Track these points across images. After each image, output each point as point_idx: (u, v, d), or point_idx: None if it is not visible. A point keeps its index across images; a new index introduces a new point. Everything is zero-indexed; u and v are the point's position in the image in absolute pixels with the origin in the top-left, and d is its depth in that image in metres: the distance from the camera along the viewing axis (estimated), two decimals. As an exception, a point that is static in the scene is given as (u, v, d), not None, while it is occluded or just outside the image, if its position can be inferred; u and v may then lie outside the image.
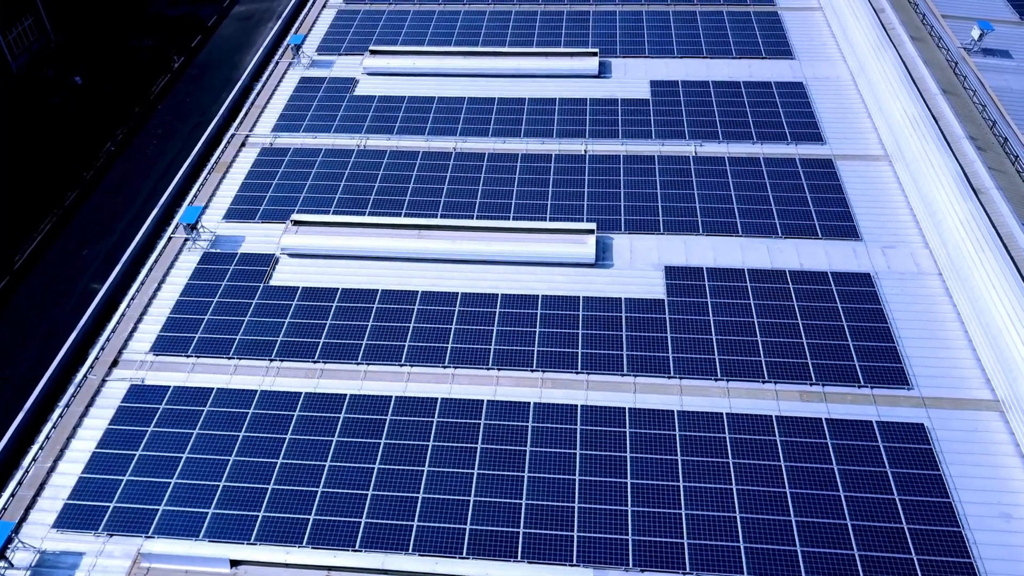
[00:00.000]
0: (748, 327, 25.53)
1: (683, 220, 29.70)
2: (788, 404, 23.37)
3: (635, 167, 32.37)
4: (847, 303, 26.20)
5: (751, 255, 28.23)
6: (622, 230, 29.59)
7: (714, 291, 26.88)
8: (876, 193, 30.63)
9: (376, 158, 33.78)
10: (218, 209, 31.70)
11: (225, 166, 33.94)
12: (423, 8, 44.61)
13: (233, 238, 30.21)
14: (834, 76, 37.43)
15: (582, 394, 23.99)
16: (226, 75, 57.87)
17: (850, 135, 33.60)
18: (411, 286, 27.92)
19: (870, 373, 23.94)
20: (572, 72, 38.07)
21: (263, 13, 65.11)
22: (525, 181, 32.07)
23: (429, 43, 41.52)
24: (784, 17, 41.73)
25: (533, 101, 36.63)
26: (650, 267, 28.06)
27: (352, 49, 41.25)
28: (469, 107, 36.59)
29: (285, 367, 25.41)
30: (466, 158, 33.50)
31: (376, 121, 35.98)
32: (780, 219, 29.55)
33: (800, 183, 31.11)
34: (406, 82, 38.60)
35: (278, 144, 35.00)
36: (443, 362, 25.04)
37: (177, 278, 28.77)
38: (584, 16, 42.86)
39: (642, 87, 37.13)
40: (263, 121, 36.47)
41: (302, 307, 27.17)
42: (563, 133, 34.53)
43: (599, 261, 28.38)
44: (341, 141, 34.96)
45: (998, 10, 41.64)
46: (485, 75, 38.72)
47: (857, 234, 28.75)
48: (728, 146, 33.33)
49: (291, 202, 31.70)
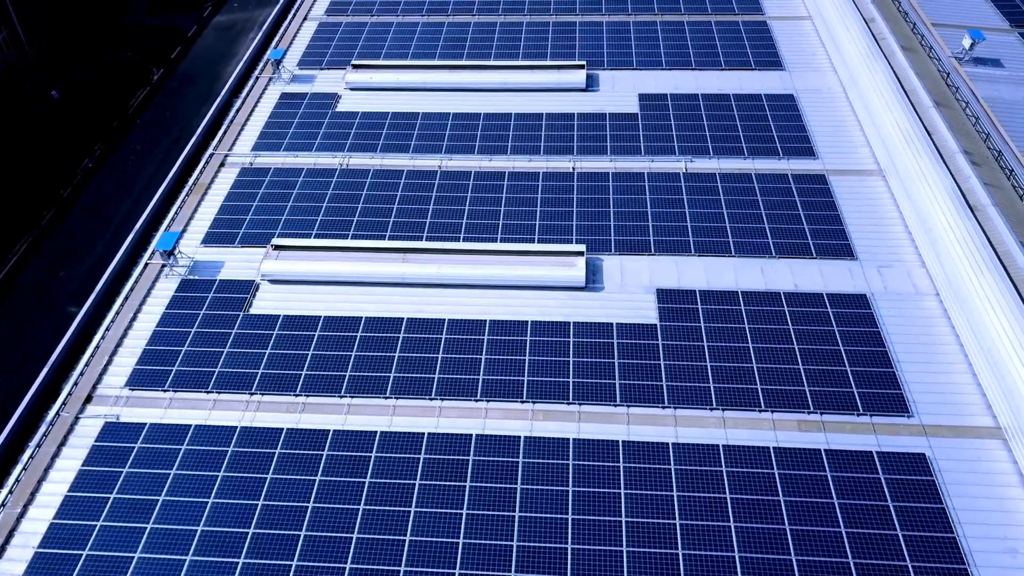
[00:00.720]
0: (743, 353, 24.84)
1: (674, 240, 29.00)
2: (786, 434, 22.69)
3: (624, 185, 31.66)
4: (843, 326, 25.56)
5: (744, 276, 27.56)
6: (612, 251, 28.87)
7: (707, 315, 26.18)
8: (870, 210, 30.03)
9: (359, 177, 32.91)
10: (196, 233, 30.75)
11: (204, 187, 32.98)
12: (406, 19, 43.77)
13: (212, 264, 29.26)
14: (825, 87, 36.85)
15: (574, 426, 23.23)
16: (207, 87, 56.76)
17: (843, 149, 33.02)
18: (396, 313, 27.07)
19: (869, 400, 23.30)
20: (559, 86, 37.32)
21: (244, 23, 64.04)
22: (512, 201, 31.29)
23: (413, 55, 40.68)
24: (773, 27, 41.14)
25: (520, 116, 35.86)
26: (641, 290, 27.34)
27: (334, 63, 40.36)
28: (454, 123, 35.78)
29: (266, 401, 24.51)
30: (452, 177, 32.68)
31: (359, 138, 35.10)
32: (773, 238, 28.89)
33: (793, 200, 30.48)
34: (390, 97, 37.75)
35: (258, 164, 34.07)
36: (430, 394, 24.22)
37: (154, 307, 27.81)
38: (570, 27, 42.14)
39: (631, 101, 36.42)
40: (243, 140, 35.52)
41: (283, 337, 26.28)
42: (551, 150, 33.77)
43: (589, 284, 27.63)
44: (323, 160, 34.07)
45: (988, 18, 41.21)
46: (470, 89, 37.92)
47: (852, 253, 28.13)
48: (719, 161, 32.67)
49: (272, 225, 30.79)
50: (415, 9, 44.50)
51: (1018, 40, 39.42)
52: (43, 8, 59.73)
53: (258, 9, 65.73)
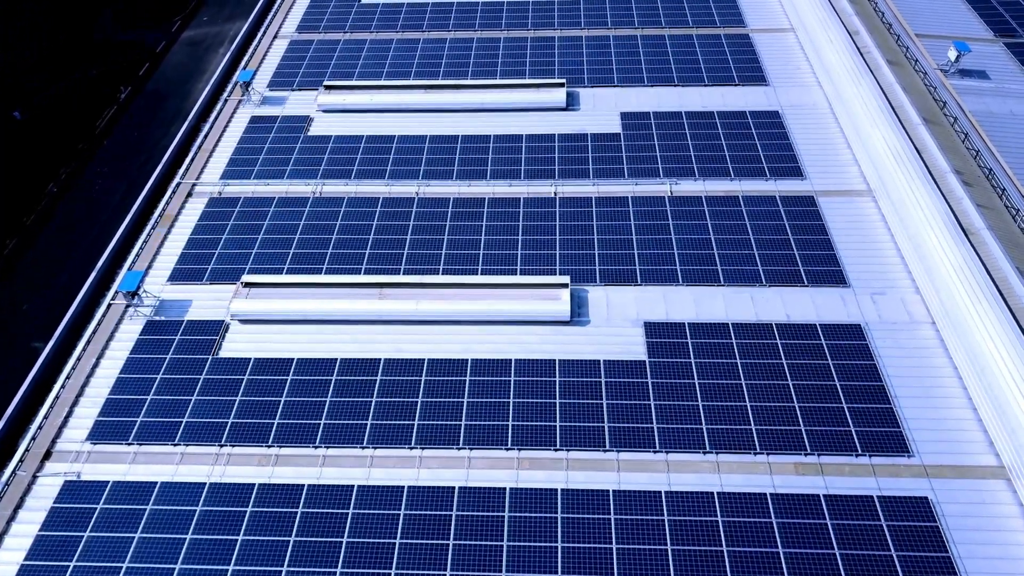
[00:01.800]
0: (735, 391, 23.86)
1: (661, 269, 27.99)
2: (783, 479, 21.73)
3: (608, 210, 30.62)
4: (838, 359, 24.66)
5: (735, 307, 26.60)
6: (597, 281, 27.81)
7: (698, 350, 25.19)
8: (861, 233, 29.19)
9: (333, 206, 31.64)
10: (163, 269, 29.35)
11: (170, 219, 31.57)
12: (380, 36, 42.51)
13: (179, 303, 27.89)
14: (810, 103, 36.03)
15: (562, 475, 22.13)
16: (176, 106, 55.16)
17: (831, 169, 32.18)
18: (373, 353, 25.85)
19: (868, 440, 22.39)
20: (539, 105, 36.23)
21: (214, 37, 62.43)
22: (493, 229, 30.16)
23: (388, 74, 39.43)
24: (756, 40, 40.29)
25: (499, 138, 34.73)
26: (629, 323, 26.30)
27: (306, 83, 39.02)
28: (432, 146, 34.59)
29: (236, 453, 23.21)
30: (430, 204, 31.50)
31: (333, 164, 33.82)
32: (763, 265, 27.96)
33: (782, 223, 29.58)
34: (364, 119, 36.48)
35: (227, 193, 32.70)
36: (409, 443, 23.03)
37: (117, 352, 26.41)
38: (549, 42, 41.07)
39: (612, 120, 35.41)
40: (211, 167, 34.12)
41: (254, 382, 24.98)
42: (531, 174, 32.67)
43: (575, 318, 26.56)
44: (295, 188, 32.76)
45: (972, 27, 40.63)
46: (448, 110, 36.73)
47: (844, 280, 27.26)
48: (705, 184, 31.72)
49: (242, 259, 29.46)
50: (389, 25, 43.27)
51: (1003, 50, 38.86)
52: (7, 24, 57.85)
53: (228, 23, 64.13)
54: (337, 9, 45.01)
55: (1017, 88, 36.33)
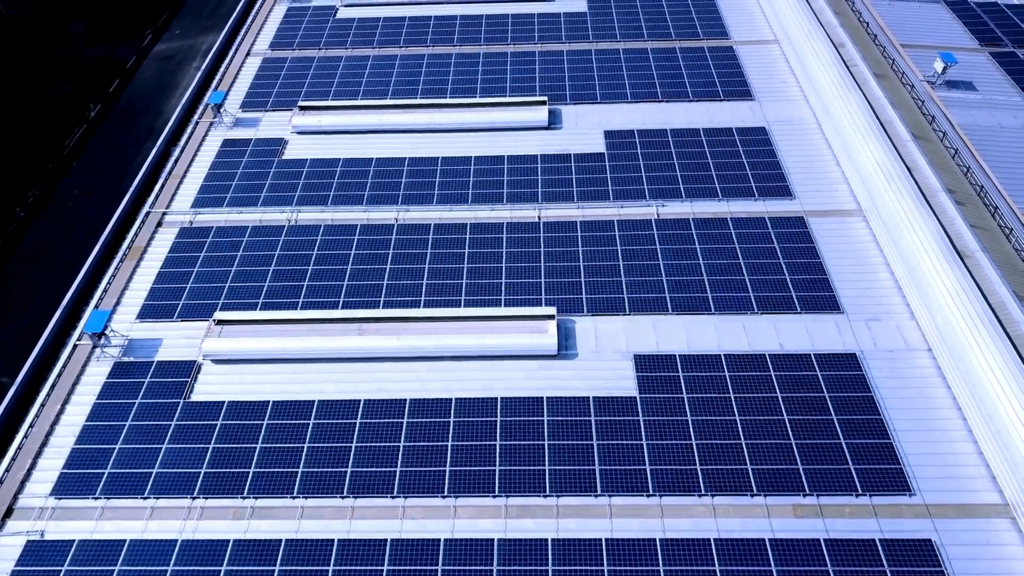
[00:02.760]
0: (730, 427, 23.03)
1: (650, 297, 27.13)
2: (781, 522, 20.90)
3: (594, 235, 29.72)
4: (835, 391, 23.90)
5: (726, 336, 25.78)
6: (584, 311, 26.91)
7: (689, 384, 24.33)
8: (853, 255, 28.48)
9: (310, 235, 30.53)
10: (131, 306, 28.12)
11: (139, 252, 30.33)
12: (356, 53, 41.40)
13: (148, 343, 26.69)
14: (797, 118, 35.33)
15: (553, 523, 21.19)
16: (149, 123, 53.70)
17: (820, 187, 31.47)
18: (352, 393, 24.79)
19: (868, 479, 21.62)
20: (521, 124, 35.28)
21: (186, 52, 60.96)
22: (475, 256, 29.18)
23: (365, 93, 38.33)
24: (740, 53, 39.56)
25: (480, 160, 33.74)
26: (618, 356, 25.41)
27: (280, 104, 37.84)
28: (411, 168, 33.55)
29: (210, 506, 22.07)
30: (409, 231, 30.46)
31: (308, 190, 32.69)
32: (754, 291, 27.17)
33: (772, 247, 28.81)
34: (340, 141, 35.38)
35: (199, 222, 31.49)
36: (392, 492, 21.99)
37: (84, 396, 25.18)
38: (530, 57, 40.13)
39: (596, 138, 34.52)
40: (182, 195, 32.89)
41: (228, 428, 23.85)
42: (514, 197, 31.71)
43: (562, 351, 25.63)
44: (270, 216, 31.61)
45: (957, 37, 40.16)
46: (427, 130, 35.70)
47: (838, 306, 26.52)
48: (692, 205, 30.90)
49: (214, 294, 28.28)
50: (366, 41, 42.16)
51: (988, 60, 38.39)
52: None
53: (201, 36, 62.68)
54: (312, 25, 43.86)
55: (1003, 99, 35.85)
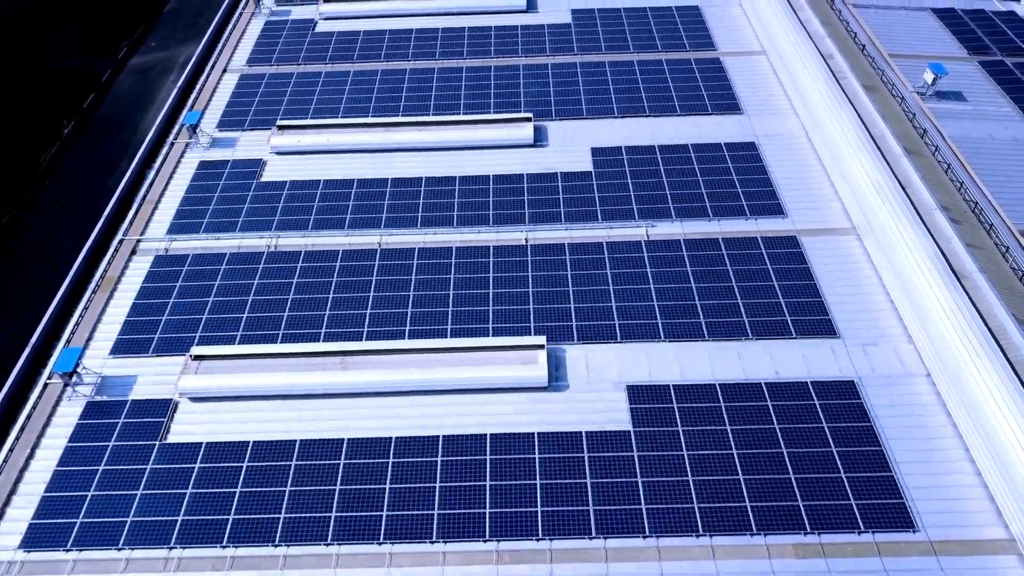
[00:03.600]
0: (727, 462, 22.31)
1: (642, 324, 26.38)
2: (782, 563, 20.20)
3: (583, 258, 28.95)
4: (833, 421, 23.24)
5: (721, 364, 25.08)
6: (575, 339, 26.13)
7: (684, 416, 23.60)
8: (848, 276, 27.86)
9: (289, 261, 29.58)
10: (104, 341, 27.06)
11: (112, 282, 29.27)
12: (336, 68, 40.45)
13: (123, 380, 25.65)
14: (786, 131, 34.72)
15: (546, 568, 20.38)
16: (126, 139, 52.43)
17: (812, 205, 30.86)
18: (335, 431, 23.89)
19: (870, 515, 20.97)
20: (506, 142, 34.46)
21: (164, 64, 59.70)
22: (461, 283, 28.34)
23: (345, 110, 37.39)
24: (727, 64, 38.93)
25: (465, 180, 32.90)
26: (610, 386, 24.64)
27: (258, 123, 36.83)
28: (393, 190, 32.65)
29: (187, 556, 21.11)
30: (393, 256, 29.58)
31: (288, 214, 31.73)
32: (748, 316, 26.49)
33: (765, 268, 28.15)
34: (321, 162, 34.43)
35: (175, 249, 30.46)
36: (377, 538, 21.11)
37: (54, 440, 24.13)
38: (514, 71, 39.32)
39: (583, 156, 33.76)
40: (157, 221, 31.83)
41: (206, 471, 22.87)
42: (500, 219, 30.88)
43: (553, 383, 24.84)
44: (249, 242, 30.61)
45: (946, 46, 39.75)
46: (410, 149, 34.80)
47: (834, 330, 25.88)
48: (682, 225, 30.20)
49: (191, 326, 27.28)
50: (345, 55, 41.21)
51: (977, 69, 37.98)
52: (-64, 59, 54.70)
53: (178, 47, 61.43)
54: (290, 39, 42.87)
55: (993, 110, 35.43)
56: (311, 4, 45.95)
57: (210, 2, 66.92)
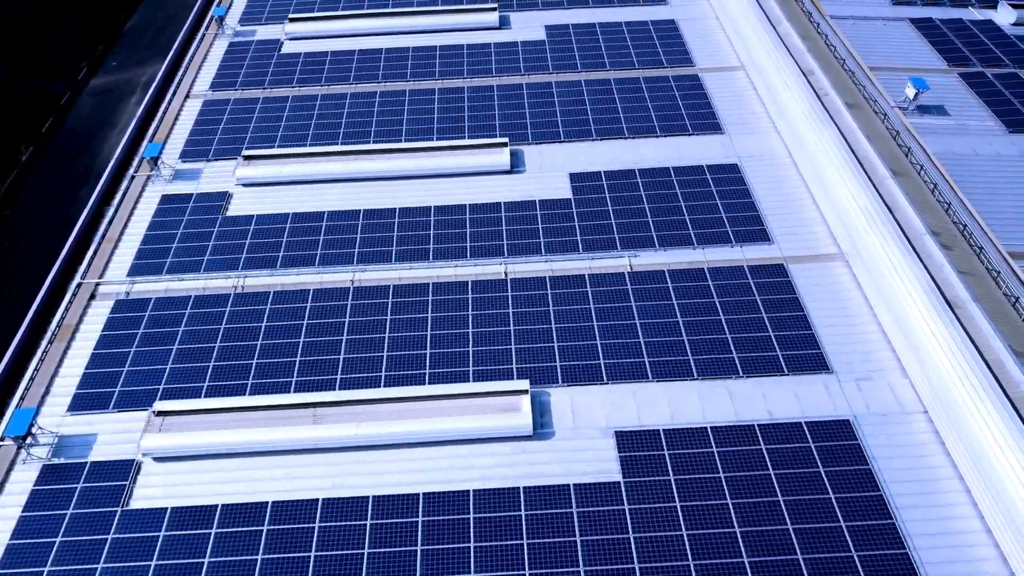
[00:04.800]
0: (722, 514, 21.31)
1: (628, 363, 25.34)
2: (784, 624, 19.25)
3: (565, 292, 27.87)
4: (830, 465, 22.33)
5: (711, 405, 24.10)
6: (559, 382, 25.03)
7: (676, 463, 22.58)
8: (838, 306, 27.03)
9: (258, 303, 28.19)
10: (61, 396, 25.52)
11: (70, 330, 27.70)
12: (304, 92, 39.03)
13: (81, 439, 24.15)
14: (769, 152, 33.89)
15: (535, 638, 19.27)
16: (86, 165, 50.58)
17: (798, 230, 30.02)
18: (309, 491, 22.59)
19: (872, 567, 20.06)
20: (482, 169, 33.29)
21: (124, 85, 57.81)
22: (439, 322, 27.13)
23: (314, 136, 36.01)
24: (706, 81, 38.05)
25: (440, 210, 31.67)
26: (598, 433, 23.57)
27: (223, 152, 35.34)
28: (366, 223, 31.35)
29: (153, 638, 19.73)
30: (367, 294, 28.30)
31: (256, 250, 30.32)
32: (738, 351, 25.54)
33: (753, 299, 27.24)
34: (289, 193, 33.03)
35: (136, 293, 28.95)
36: (357, 611, 19.89)
37: (8, 509, 22.59)
38: (488, 92, 38.16)
39: (561, 182, 32.68)
40: (117, 261, 30.28)
41: (172, 540, 21.47)
42: (479, 252, 29.70)
43: (538, 430, 23.72)
44: (214, 283, 29.17)
45: (925, 57, 39.19)
46: (382, 178, 33.53)
47: (826, 365, 25.01)
48: (666, 255, 29.22)
49: (154, 377, 25.82)
50: (313, 78, 39.81)
51: (958, 81, 37.45)
52: None
53: (140, 68, 59.58)
54: (255, 61, 41.37)
55: (976, 124, 34.87)
56: (277, 23, 44.50)
57: (172, 17, 65.15)
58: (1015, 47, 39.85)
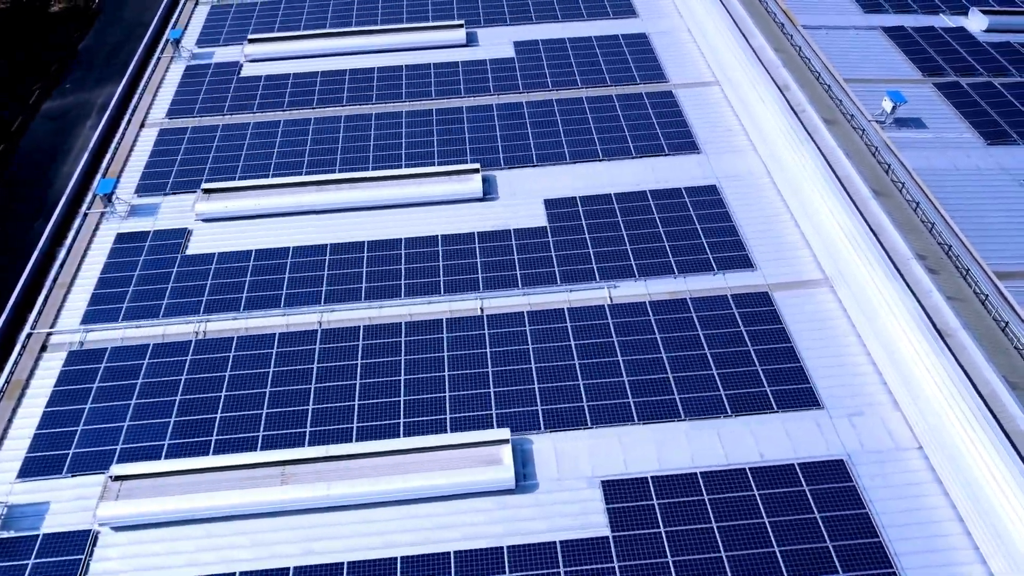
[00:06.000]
0: (716, 567, 20.32)
1: (613, 405, 24.28)
2: None
3: (543, 328, 26.75)
4: (825, 510, 21.44)
5: (700, 448, 23.12)
6: (541, 427, 23.90)
7: (665, 514, 21.56)
8: (826, 336, 26.21)
9: (220, 350, 26.73)
10: (10, 462, 23.88)
11: (19, 386, 26.04)
12: (265, 117, 37.52)
13: (33, 510, 22.56)
14: (747, 171, 33.06)
15: None
16: (39, 196, 48.51)
17: (781, 255, 29.18)
18: (278, 559, 21.23)
19: (875, 622, 19.22)
20: (453, 197, 32.06)
21: (80, 108, 55.67)
22: (413, 365, 25.87)
23: (277, 165, 34.55)
24: (680, 97, 37.16)
25: (411, 242, 30.41)
26: (583, 483, 22.48)
27: (181, 186, 33.72)
28: (334, 258, 29.98)
29: None
30: (335, 337, 26.96)
31: (218, 292, 28.83)
32: (725, 388, 24.59)
33: (738, 331, 26.33)
34: (252, 228, 31.55)
35: (91, 342, 27.34)
36: None
37: (-48, 591, 20.99)
38: (456, 113, 36.93)
39: (536, 209, 31.56)
40: (69, 308, 28.62)
41: (132, 621, 20.02)
42: (452, 286, 28.49)
43: (520, 483, 22.57)
44: (174, 329, 27.65)
45: (899, 67, 38.62)
46: (349, 209, 32.17)
47: (817, 400, 24.16)
48: (647, 284, 28.22)
49: (110, 437, 24.28)
50: (275, 102, 38.30)
51: (934, 92, 36.91)
52: None
53: (96, 89, 57.46)
54: (214, 85, 39.74)
55: (954, 136, 34.31)
56: (236, 44, 42.89)
57: (129, 35, 63.02)
58: (988, 54, 39.46)
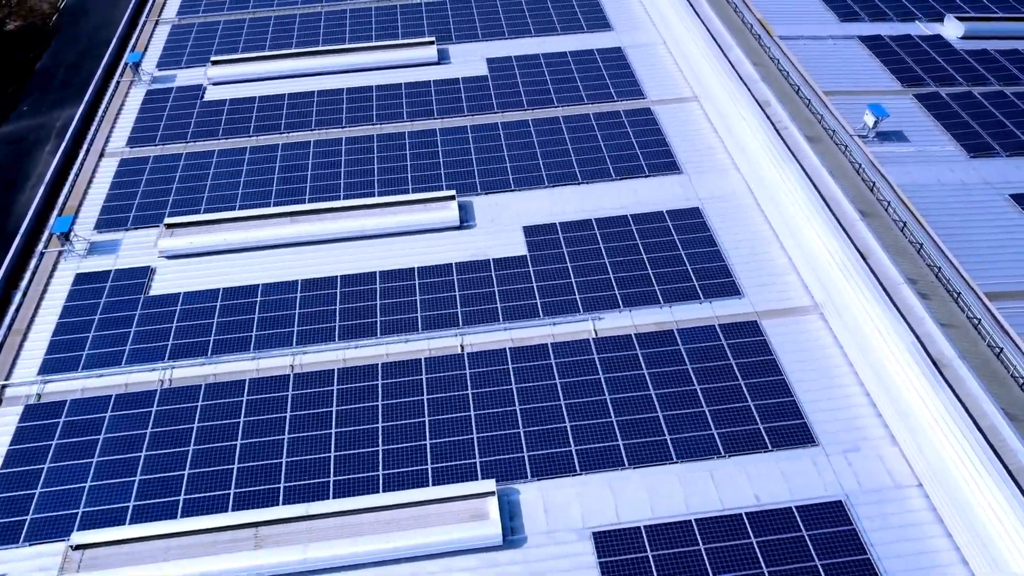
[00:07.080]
0: (716, 625, 19.43)
1: (602, 448, 23.30)
2: None
3: (527, 366, 25.70)
4: (826, 557, 20.62)
5: (695, 493, 22.20)
6: (528, 475, 22.85)
7: (661, 566, 20.60)
8: (818, 367, 25.42)
9: (187, 400, 25.37)
10: (-38, 531, 22.39)
11: (-28, 446, 24.50)
12: (230, 144, 36.08)
13: (-14, 585, 21.13)
14: (730, 192, 32.25)
15: None
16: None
17: (769, 281, 28.38)
18: (256, 630, 20.01)
19: None
20: (428, 226, 30.90)
21: (38, 132, 53.69)
22: (391, 411, 24.70)
23: (244, 196, 33.15)
24: (659, 114, 36.29)
25: (386, 275, 29.21)
26: (574, 535, 21.46)
27: (143, 220, 32.23)
28: (305, 295, 28.71)
29: None
30: (308, 382, 25.70)
31: (184, 335, 27.44)
32: (717, 427, 23.71)
33: (728, 363, 25.46)
34: (218, 265, 30.17)
35: (49, 395, 25.85)
36: None
37: None
38: (430, 135, 35.77)
39: (515, 237, 30.50)
40: (25, 358, 27.08)
41: None
42: (431, 322, 27.35)
43: (508, 538, 21.50)
44: (138, 377, 26.24)
45: (878, 78, 38.06)
46: (320, 241, 30.91)
47: (812, 437, 23.35)
48: (632, 315, 27.28)
49: (71, 500, 22.85)
50: (240, 128, 36.87)
51: (914, 103, 36.37)
52: None
53: (56, 110, 55.45)
54: (176, 111, 38.21)
55: (937, 149, 33.77)
56: (198, 67, 41.36)
57: (86, 54, 60.97)
58: (966, 63, 39.04)
